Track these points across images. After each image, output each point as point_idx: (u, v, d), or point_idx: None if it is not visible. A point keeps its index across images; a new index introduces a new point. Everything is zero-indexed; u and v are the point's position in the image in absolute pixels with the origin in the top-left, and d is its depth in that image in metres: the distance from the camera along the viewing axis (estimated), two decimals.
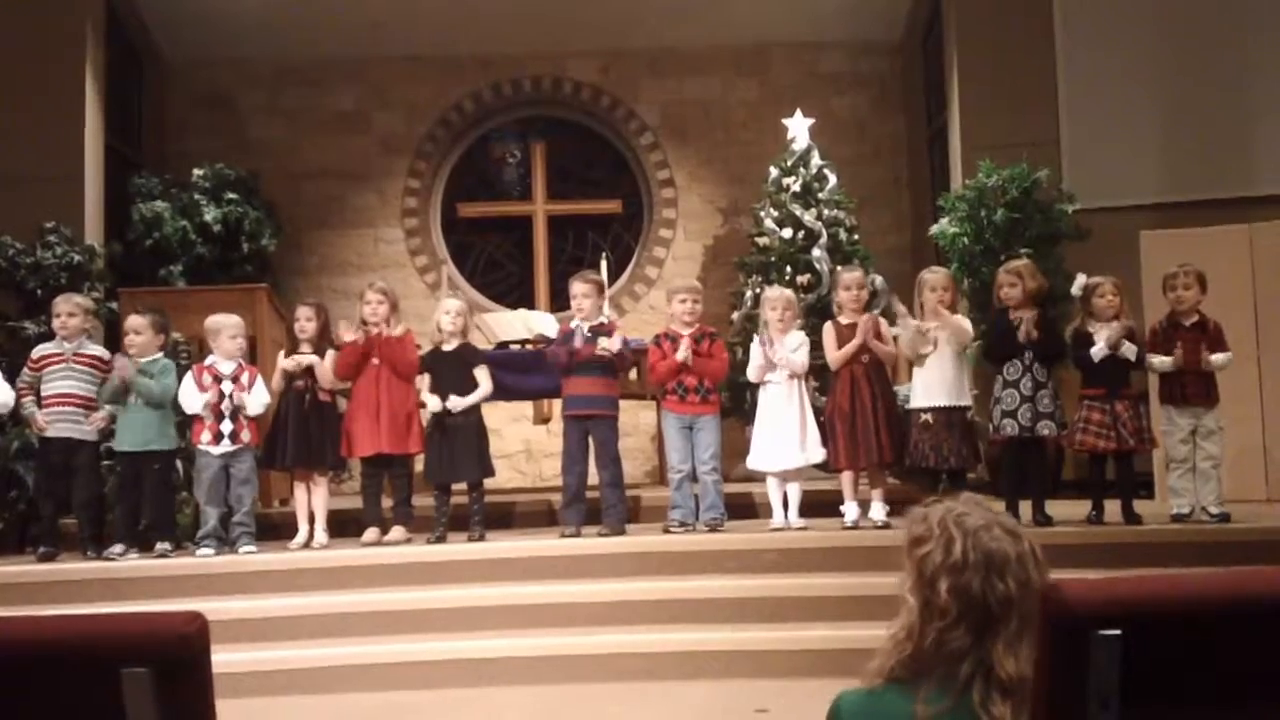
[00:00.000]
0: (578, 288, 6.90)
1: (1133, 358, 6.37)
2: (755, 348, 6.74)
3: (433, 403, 6.71)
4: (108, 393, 6.60)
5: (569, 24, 10.96)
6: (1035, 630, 1.84)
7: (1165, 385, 6.51)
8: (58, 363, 6.70)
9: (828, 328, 6.75)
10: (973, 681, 1.83)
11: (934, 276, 6.63)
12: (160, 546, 6.49)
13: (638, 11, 10.84)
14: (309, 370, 6.72)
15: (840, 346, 6.60)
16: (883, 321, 6.78)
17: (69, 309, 6.77)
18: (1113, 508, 6.40)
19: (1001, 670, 1.82)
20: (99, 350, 6.91)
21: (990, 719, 1.82)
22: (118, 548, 6.48)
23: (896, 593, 1.97)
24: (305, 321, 6.84)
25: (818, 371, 7.21)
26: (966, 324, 6.52)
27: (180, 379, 6.66)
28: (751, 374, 6.75)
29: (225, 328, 6.71)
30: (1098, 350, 6.33)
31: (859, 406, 6.51)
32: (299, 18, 10.66)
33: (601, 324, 6.85)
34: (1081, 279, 6.60)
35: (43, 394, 6.67)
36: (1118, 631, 1.73)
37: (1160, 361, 6.42)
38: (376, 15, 10.66)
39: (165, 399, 6.58)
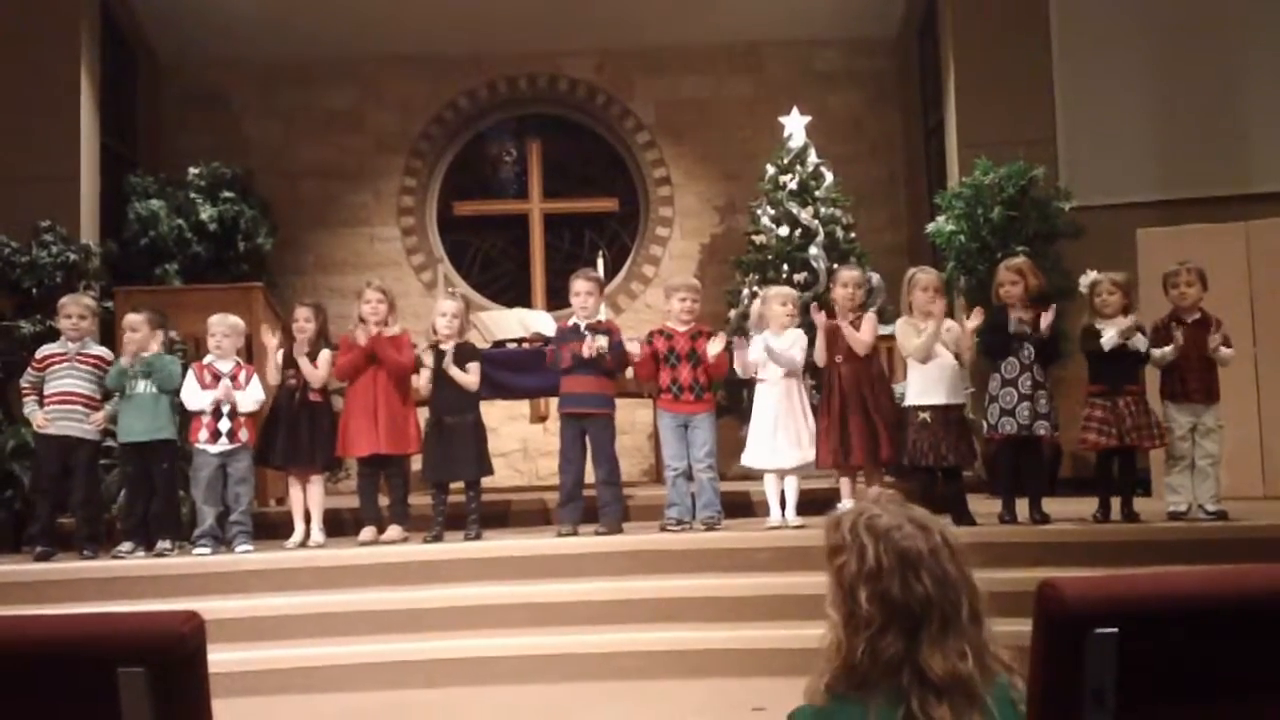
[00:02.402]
0: (580, 285, 6.88)
1: (1143, 349, 6.37)
2: (739, 349, 6.72)
3: (424, 378, 6.71)
4: (114, 378, 6.62)
5: (564, 22, 10.96)
6: (960, 624, 1.83)
7: (1166, 381, 6.50)
8: (61, 362, 6.74)
9: (843, 322, 6.67)
10: (912, 689, 1.81)
11: (925, 276, 6.62)
12: (160, 545, 6.50)
13: (633, 9, 10.83)
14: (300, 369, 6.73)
15: (829, 344, 6.59)
16: (869, 315, 6.73)
17: (80, 311, 6.82)
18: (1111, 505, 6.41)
19: (931, 672, 1.80)
20: (101, 350, 6.93)
21: None
22: (126, 545, 6.50)
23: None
24: (304, 322, 6.84)
25: (815, 370, 7.21)
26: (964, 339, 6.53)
27: (182, 372, 6.69)
28: (738, 368, 6.73)
29: (209, 325, 6.76)
30: (1109, 339, 6.30)
31: (832, 405, 6.53)
32: (293, 16, 10.66)
33: (599, 322, 6.85)
34: (1090, 275, 6.60)
35: (45, 392, 6.71)
36: (1114, 629, 1.73)
37: (1161, 353, 6.41)
38: (371, 14, 10.65)
39: (173, 384, 6.59)
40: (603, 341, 6.70)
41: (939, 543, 1.87)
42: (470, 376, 6.74)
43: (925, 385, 6.45)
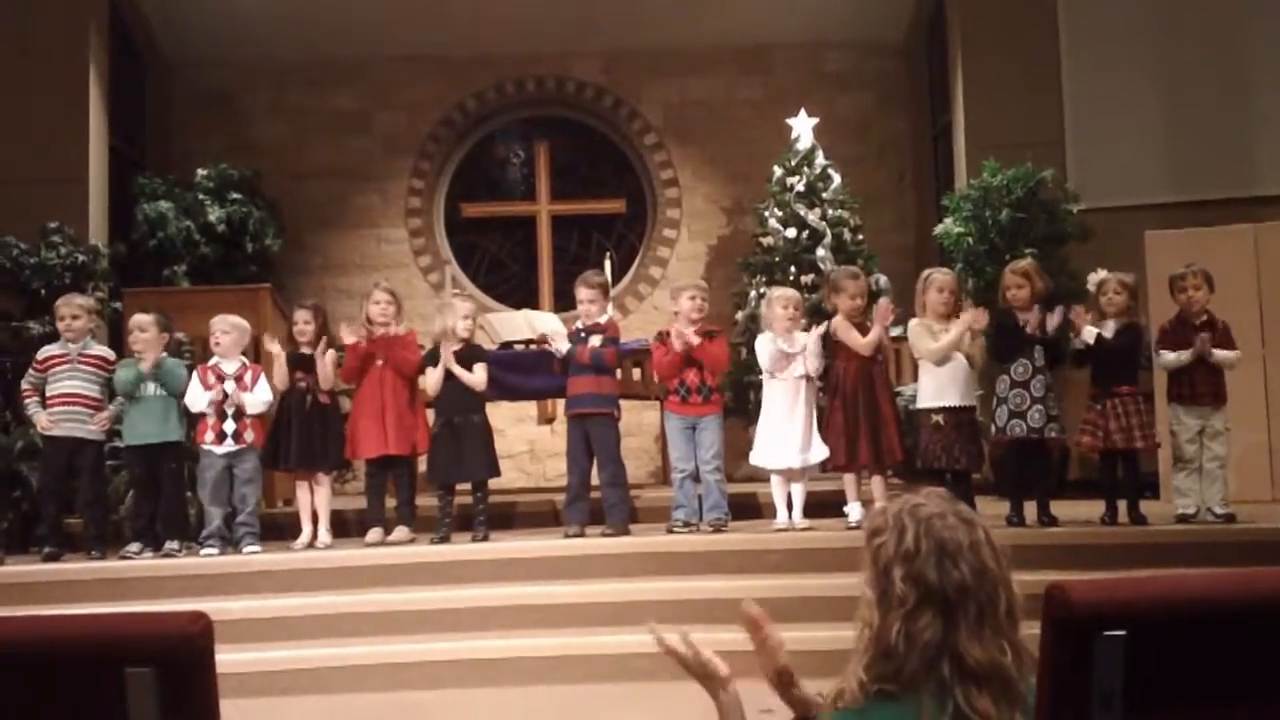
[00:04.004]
0: (584, 293, 6.89)
1: (1090, 340, 6.35)
2: (767, 340, 6.69)
3: (434, 376, 6.71)
4: (125, 381, 6.61)
5: (572, 24, 10.97)
6: (997, 618, 1.83)
7: (1174, 384, 6.48)
8: (63, 363, 6.72)
9: (842, 323, 6.66)
10: (954, 681, 1.80)
11: (942, 277, 6.61)
12: (169, 545, 6.51)
13: (641, 11, 10.83)
14: (312, 371, 6.73)
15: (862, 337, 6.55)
16: (881, 304, 6.72)
17: (72, 311, 6.78)
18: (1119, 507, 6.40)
19: (970, 658, 1.79)
20: (103, 350, 6.93)
21: (977, 715, 1.79)
22: (134, 546, 6.50)
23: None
24: (304, 324, 6.84)
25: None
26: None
27: (188, 374, 6.70)
28: (765, 363, 6.69)
29: (210, 325, 6.78)
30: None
31: (874, 404, 6.50)
32: (301, 18, 10.68)
33: (598, 324, 6.85)
34: (1100, 274, 6.59)
35: (47, 394, 6.68)
36: (1122, 632, 1.73)
37: (1177, 356, 6.39)
38: (379, 15, 10.67)
39: (180, 387, 6.61)
40: (595, 340, 6.71)
41: (981, 538, 1.88)
42: (476, 376, 6.75)
43: (939, 387, 6.42)
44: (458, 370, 6.68)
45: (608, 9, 10.81)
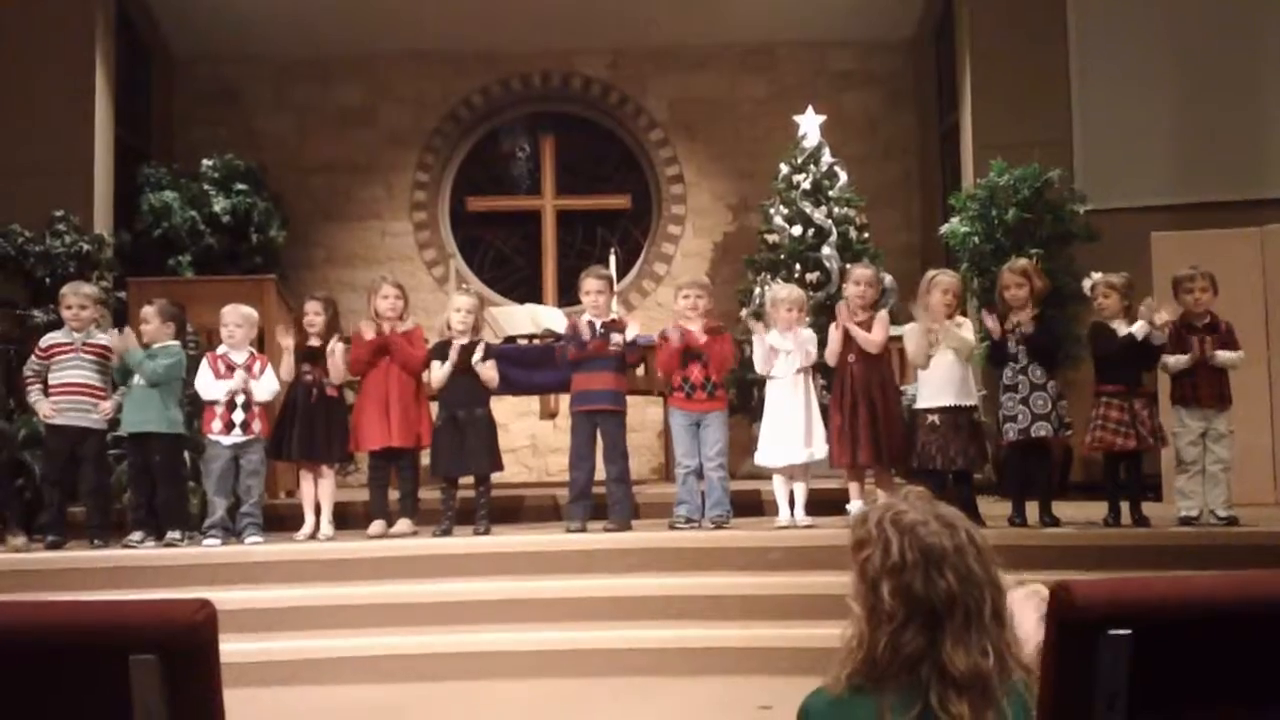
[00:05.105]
0: (591, 284, 6.89)
1: (1157, 343, 6.33)
2: (756, 337, 6.73)
3: (439, 369, 6.71)
4: (115, 371, 6.68)
5: (578, 20, 10.96)
6: (983, 621, 1.83)
7: (1177, 386, 6.47)
8: (67, 352, 6.72)
9: (832, 327, 6.74)
10: (931, 684, 1.81)
11: (946, 279, 6.59)
12: (170, 535, 6.51)
13: (647, 7, 10.83)
14: (319, 363, 6.74)
15: (843, 343, 6.59)
16: (881, 315, 6.73)
17: (79, 301, 6.78)
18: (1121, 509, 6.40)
19: (953, 667, 1.80)
20: (108, 339, 6.92)
21: (949, 718, 1.80)
22: (136, 535, 6.51)
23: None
24: (314, 315, 6.85)
25: (825, 369, 7.21)
26: (968, 335, 6.49)
27: (187, 367, 6.69)
28: (758, 364, 6.73)
29: (222, 315, 6.78)
30: (1139, 328, 6.22)
31: (845, 403, 6.52)
32: (306, 12, 10.68)
33: (614, 320, 6.86)
34: (1094, 277, 6.59)
35: (51, 383, 6.68)
36: (1126, 632, 1.73)
37: (1176, 360, 6.38)
38: (385, 10, 10.66)
39: (161, 378, 6.58)
40: (632, 332, 6.73)
41: (964, 540, 1.87)
42: (493, 373, 6.76)
43: (935, 387, 6.43)
44: (479, 367, 6.68)
45: (613, 5, 10.80)
